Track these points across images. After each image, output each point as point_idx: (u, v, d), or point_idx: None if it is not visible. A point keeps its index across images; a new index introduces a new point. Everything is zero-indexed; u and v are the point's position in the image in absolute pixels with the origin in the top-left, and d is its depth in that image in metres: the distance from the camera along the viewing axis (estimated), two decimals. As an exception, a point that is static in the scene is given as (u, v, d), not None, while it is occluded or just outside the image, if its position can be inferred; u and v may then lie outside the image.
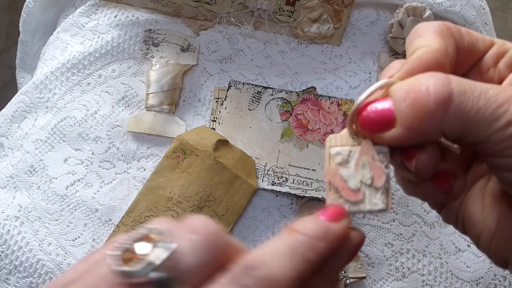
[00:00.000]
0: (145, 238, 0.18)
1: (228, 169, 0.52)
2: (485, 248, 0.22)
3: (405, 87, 0.18)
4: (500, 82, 0.22)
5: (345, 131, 0.21)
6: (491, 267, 0.54)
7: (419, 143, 0.19)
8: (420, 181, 0.21)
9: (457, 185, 0.22)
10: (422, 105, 0.17)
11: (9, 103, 0.59)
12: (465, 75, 0.23)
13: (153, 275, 0.17)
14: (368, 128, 0.20)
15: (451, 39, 0.21)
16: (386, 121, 0.19)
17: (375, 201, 0.20)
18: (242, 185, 0.53)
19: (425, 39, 0.21)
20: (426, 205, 0.56)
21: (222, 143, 0.53)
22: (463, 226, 0.24)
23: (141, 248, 0.17)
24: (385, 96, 0.19)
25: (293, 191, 0.53)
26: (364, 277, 0.52)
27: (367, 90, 0.19)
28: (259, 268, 0.16)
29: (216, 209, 0.51)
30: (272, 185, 0.53)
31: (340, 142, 0.21)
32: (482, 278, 0.54)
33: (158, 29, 0.61)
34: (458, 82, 0.18)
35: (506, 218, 0.21)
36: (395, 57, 0.65)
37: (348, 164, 0.20)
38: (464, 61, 0.23)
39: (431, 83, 0.17)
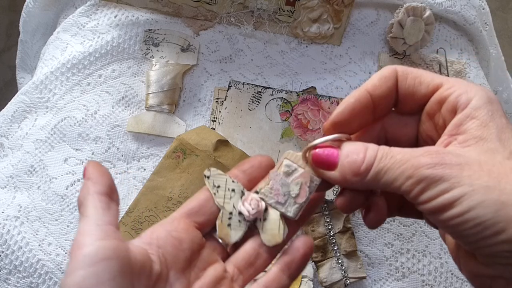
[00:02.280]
0: None
1: (228, 169, 0.52)
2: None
3: (351, 149, 0.25)
4: (444, 127, 0.25)
5: (300, 154, 0.27)
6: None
7: (348, 187, 0.26)
8: (345, 213, 0.27)
9: (371, 217, 0.27)
10: (355, 167, 0.24)
11: (9, 103, 0.59)
12: (417, 116, 0.27)
13: None
14: (316, 162, 0.26)
15: (389, 82, 0.26)
16: (330, 164, 0.25)
17: (290, 209, 0.27)
18: None
19: (369, 81, 0.27)
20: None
21: (222, 143, 0.53)
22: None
23: None
24: (337, 147, 0.26)
25: (293, 191, 0.53)
26: (364, 277, 0.52)
27: (324, 138, 0.26)
28: None
29: None
30: (272, 185, 0.53)
31: (293, 159, 0.27)
32: (482, 278, 0.54)
33: (158, 29, 0.61)
34: (380, 156, 0.23)
35: (460, 255, 0.25)
36: (395, 57, 0.65)
37: (289, 176, 0.27)
38: (407, 101, 0.27)
39: (365, 154, 0.24)
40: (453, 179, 0.20)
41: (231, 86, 0.57)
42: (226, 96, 0.57)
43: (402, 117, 0.28)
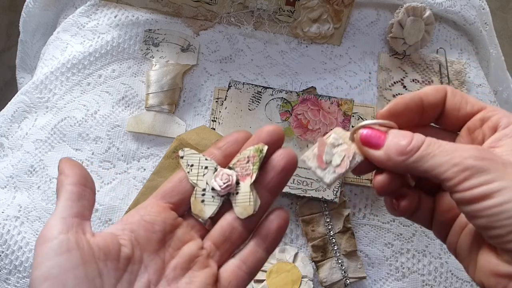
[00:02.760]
0: None
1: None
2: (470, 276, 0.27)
3: (399, 133, 0.27)
4: (483, 142, 0.27)
5: (348, 133, 0.29)
6: (491, 267, 0.54)
7: (388, 169, 0.27)
8: (380, 195, 0.29)
9: (403, 204, 0.29)
10: (401, 147, 0.26)
11: (9, 103, 0.59)
12: (454, 134, 0.29)
13: None
14: (364, 141, 0.27)
15: (439, 94, 0.28)
16: (377, 143, 0.27)
17: (328, 176, 0.28)
18: None
19: (422, 89, 0.29)
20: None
21: None
22: (455, 255, 0.29)
23: None
24: (384, 132, 0.27)
25: (293, 191, 0.53)
26: (364, 277, 0.52)
27: (374, 120, 0.28)
28: None
29: None
30: (272, 185, 0.53)
31: (340, 135, 0.29)
32: (482, 278, 0.54)
33: (158, 29, 0.61)
34: (428, 142, 0.25)
35: (478, 253, 0.26)
36: (395, 57, 0.65)
37: (334, 148, 0.29)
38: (452, 116, 0.29)
39: (412, 139, 0.26)
40: (497, 173, 0.22)
41: (231, 86, 0.57)
42: (226, 96, 0.57)
43: (440, 131, 0.30)
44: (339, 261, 0.52)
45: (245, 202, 0.28)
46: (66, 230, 0.24)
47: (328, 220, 0.53)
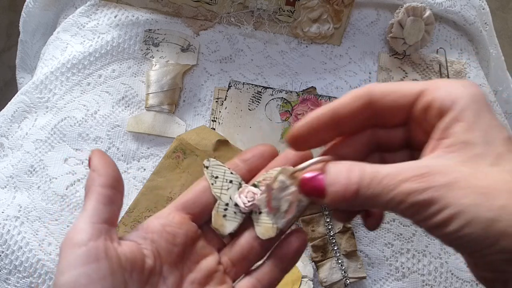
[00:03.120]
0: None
1: None
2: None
3: (335, 176, 0.24)
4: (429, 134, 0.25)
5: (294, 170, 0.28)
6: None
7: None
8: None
9: (369, 221, 0.28)
10: (342, 195, 0.23)
11: (9, 103, 0.59)
12: (407, 127, 0.27)
13: None
14: (305, 192, 0.25)
15: (358, 103, 0.25)
16: (319, 193, 0.24)
17: (279, 221, 0.28)
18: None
19: (338, 99, 0.26)
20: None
21: (222, 143, 0.53)
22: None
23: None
24: (321, 172, 0.25)
25: (293, 191, 0.53)
26: (364, 277, 0.52)
27: (306, 163, 0.26)
28: None
29: None
30: (272, 185, 0.53)
31: (288, 175, 0.27)
32: (482, 278, 0.54)
33: (158, 29, 0.61)
34: (368, 182, 0.23)
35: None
36: (395, 57, 0.65)
37: (281, 192, 0.27)
38: (390, 118, 0.26)
39: (351, 181, 0.23)
40: (442, 200, 0.21)
41: (231, 86, 0.57)
42: (226, 96, 0.57)
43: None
44: (339, 261, 0.52)
45: (268, 223, 0.28)
46: (95, 236, 0.23)
47: (328, 220, 0.53)
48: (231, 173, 0.28)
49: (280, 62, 0.63)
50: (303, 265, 0.51)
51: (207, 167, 0.29)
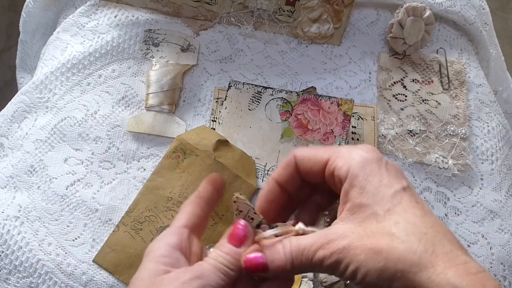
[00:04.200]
0: None
1: (228, 169, 0.52)
2: None
3: (272, 257, 0.28)
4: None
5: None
6: (491, 267, 0.54)
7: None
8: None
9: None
10: (282, 271, 0.28)
11: (9, 103, 0.59)
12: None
13: None
14: (251, 269, 0.29)
15: (290, 168, 0.31)
16: (263, 269, 0.28)
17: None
18: (242, 185, 0.53)
19: (276, 170, 0.32)
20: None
21: (222, 143, 0.53)
22: None
23: None
24: (260, 250, 0.29)
25: (293, 191, 0.53)
26: (364, 277, 0.52)
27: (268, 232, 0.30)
28: None
29: (216, 209, 0.51)
30: (272, 185, 0.53)
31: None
32: (482, 278, 0.54)
33: (158, 29, 0.61)
34: (295, 256, 0.28)
35: None
36: (395, 57, 0.65)
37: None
38: (309, 179, 0.31)
39: (285, 261, 0.28)
40: (345, 259, 0.26)
41: (231, 86, 0.57)
42: (226, 96, 0.57)
43: None
44: (339, 261, 0.52)
45: None
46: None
47: (328, 220, 0.53)
48: (255, 213, 0.30)
49: (280, 62, 0.63)
50: (303, 265, 0.51)
51: (235, 202, 0.30)
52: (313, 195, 0.33)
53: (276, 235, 0.29)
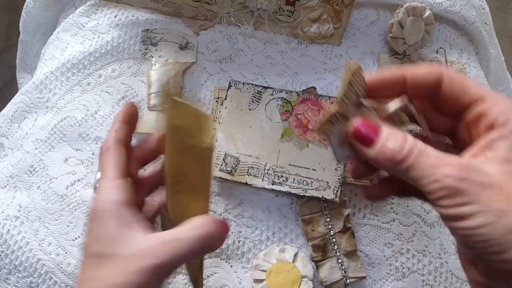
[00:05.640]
0: None
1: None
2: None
3: (391, 134, 0.26)
4: (478, 138, 0.26)
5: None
6: (491, 267, 0.54)
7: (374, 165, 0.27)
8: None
9: (372, 191, 0.31)
10: (392, 154, 0.25)
11: (9, 103, 0.59)
12: (455, 122, 0.29)
13: None
14: (356, 136, 0.27)
15: (431, 77, 0.28)
16: (369, 141, 0.27)
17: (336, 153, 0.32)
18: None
19: (414, 67, 0.28)
20: (426, 205, 0.56)
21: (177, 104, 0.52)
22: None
23: None
24: (377, 126, 0.27)
25: (293, 191, 0.53)
26: (364, 277, 0.52)
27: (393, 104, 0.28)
28: None
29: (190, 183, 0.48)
30: (272, 184, 0.53)
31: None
32: (482, 278, 0.54)
33: (155, 29, 0.61)
34: (417, 152, 0.25)
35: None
36: (395, 57, 0.65)
37: (333, 125, 0.30)
38: (448, 106, 0.28)
39: (404, 145, 0.25)
40: (473, 195, 0.22)
41: (231, 86, 0.57)
42: (226, 96, 0.57)
43: (439, 116, 0.30)
44: (339, 261, 0.52)
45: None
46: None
47: (328, 219, 0.53)
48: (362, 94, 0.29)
49: (280, 62, 0.63)
50: (303, 265, 0.51)
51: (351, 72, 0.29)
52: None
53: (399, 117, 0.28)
